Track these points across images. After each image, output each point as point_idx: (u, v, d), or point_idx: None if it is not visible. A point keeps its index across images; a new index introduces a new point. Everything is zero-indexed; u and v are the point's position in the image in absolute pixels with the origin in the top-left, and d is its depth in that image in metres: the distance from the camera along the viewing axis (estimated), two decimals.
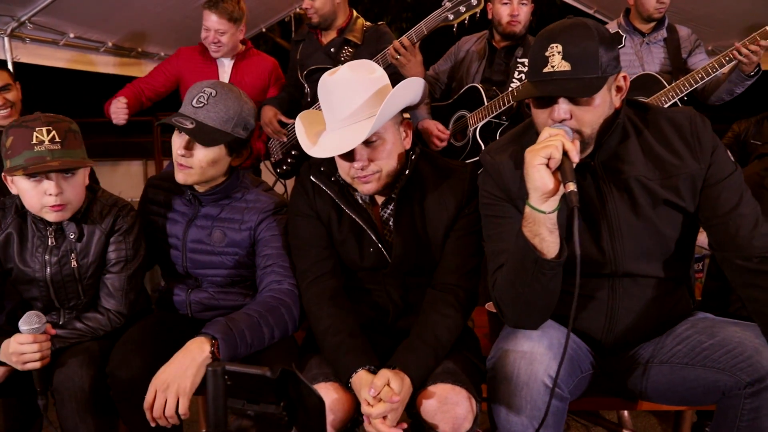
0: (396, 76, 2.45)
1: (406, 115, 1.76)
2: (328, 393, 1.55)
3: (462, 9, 2.49)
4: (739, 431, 1.45)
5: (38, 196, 1.73)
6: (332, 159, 1.75)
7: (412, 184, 1.75)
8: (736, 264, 1.52)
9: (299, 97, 3.07)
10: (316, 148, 1.70)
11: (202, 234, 1.94)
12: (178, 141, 1.82)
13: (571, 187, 1.35)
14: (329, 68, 2.43)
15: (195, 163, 1.82)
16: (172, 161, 2.10)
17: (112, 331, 1.86)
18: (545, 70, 1.44)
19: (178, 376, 1.54)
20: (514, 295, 1.52)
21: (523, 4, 2.83)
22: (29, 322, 1.61)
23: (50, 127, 1.71)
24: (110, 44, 4.44)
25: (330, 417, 1.51)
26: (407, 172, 1.73)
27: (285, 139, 3.02)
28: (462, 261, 1.74)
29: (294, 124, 2.85)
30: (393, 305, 1.81)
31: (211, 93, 1.82)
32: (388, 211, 1.78)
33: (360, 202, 1.79)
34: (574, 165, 1.38)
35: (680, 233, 1.59)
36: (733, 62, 2.64)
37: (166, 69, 3.18)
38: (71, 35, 3.97)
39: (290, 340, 1.86)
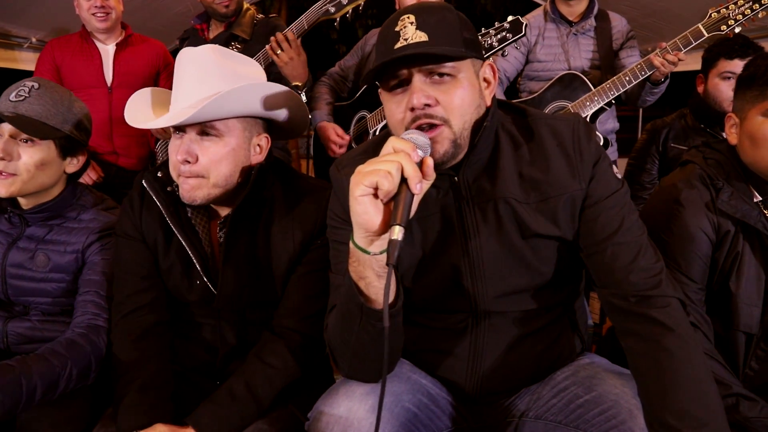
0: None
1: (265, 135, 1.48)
2: None
3: (344, 1, 2.19)
4: None
5: None
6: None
7: (257, 205, 1.45)
8: (613, 303, 1.23)
9: None
10: (137, 119, 1.45)
11: (24, 257, 1.63)
12: None
13: (396, 233, 0.99)
14: None
15: (20, 168, 1.54)
16: None
17: None
18: (397, 45, 1.14)
19: None
20: (343, 344, 1.21)
21: None
22: None
23: None
24: (34, 40, 4.09)
25: None
26: (245, 189, 1.42)
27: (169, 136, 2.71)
28: (304, 301, 1.44)
29: None
30: (223, 344, 1.50)
31: (33, 86, 1.57)
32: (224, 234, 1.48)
33: (191, 222, 1.48)
34: (418, 198, 1.04)
35: (558, 267, 1.29)
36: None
37: (47, 68, 2.85)
38: None
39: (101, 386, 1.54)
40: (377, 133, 2.48)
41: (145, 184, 1.47)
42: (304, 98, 2.39)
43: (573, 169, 1.23)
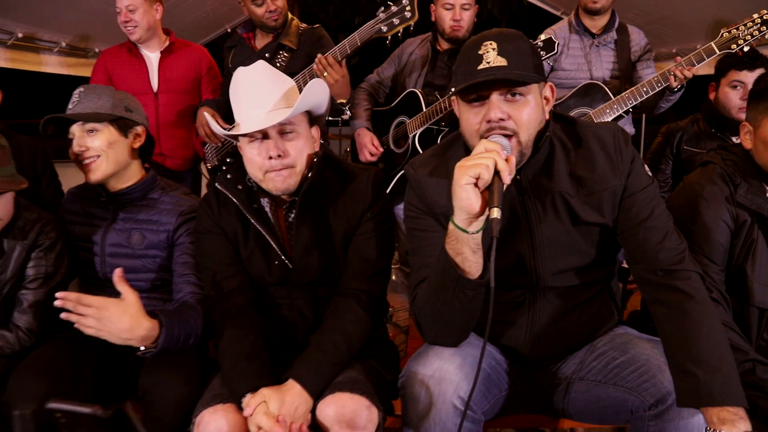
0: None
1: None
2: (225, 415, 1.50)
3: (396, 21, 2.43)
4: None
5: None
6: (240, 167, 1.73)
7: (315, 189, 1.72)
8: (644, 277, 1.50)
9: None
10: (234, 130, 1.67)
11: (121, 237, 1.91)
12: (73, 144, 1.85)
13: (495, 213, 1.25)
14: None
15: (98, 150, 1.83)
16: None
17: (21, 351, 1.76)
18: (480, 67, 1.39)
19: (115, 333, 1.47)
20: (433, 312, 1.47)
21: (465, 9, 2.77)
22: None
23: None
24: (64, 44, 4.33)
25: None
26: (310, 174, 1.69)
27: (219, 143, 2.94)
28: (365, 264, 1.71)
29: (230, 127, 2.80)
30: (302, 320, 1.76)
31: (80, 91, 1.88)
32: (292, 216, 1.74)
33: (266, 209, 1.75)
34: (505, 186, 1.30)
35: (601, 249, 1.56)
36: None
37: (101, 78, 3.09)
38: (20, 35, 3.86)
39: (205, 356, 1.80)
40: (416, 137, 2.75)
41: (219, 187, 1.72)
42: (348, 114, 2.66)
43: (614, 168, 1.50)
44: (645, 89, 2.61)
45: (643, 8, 4.35)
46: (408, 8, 2.38)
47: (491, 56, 1.38)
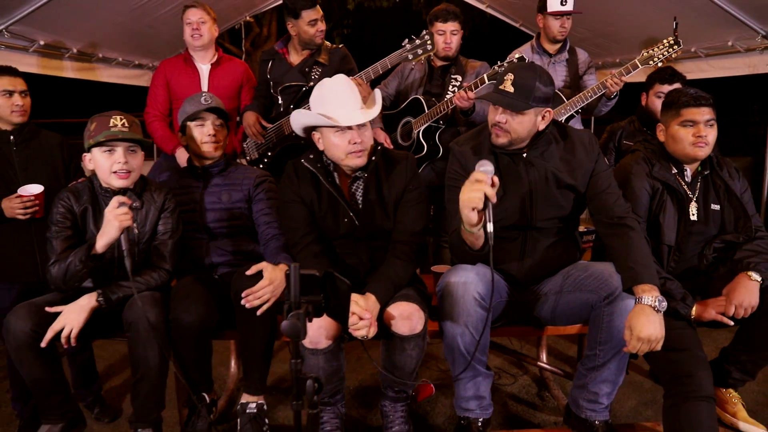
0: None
1: None
2: (322, 321, 2.23)
3: (419, 51, 3.34)
4: (601, 331, 2.30)
5: (109, 164, 2.43)
6: (317, 152, 2.52)
7: (375, 168, 2.52)
8: (603, 222, 2.41)
9: (271, 107, 3.78)
10: (342, 121, 2.36)
11: (214, 197, 2.78)
12: (204, 129, 2.75)
13: (489, 228, 2.01)
14: (303, 85, 3.25)
15: (221, 139, 2.79)
16: (164, 157, 3.40)
17: (161, 285, 2.53)
18: (500, 87, 2.30)
19: (279, 291, 2.41)
20: (458, 251, 2.34)
21: (454, 34, 3.66)
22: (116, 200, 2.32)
23: (122, 116, 2.44)
24: (75, 50, 4.85)
25: (323, 334, 2.27)
26: (373, 158, 2.50)
27: (263, 140, 3.70)
28: (410, 225, 2.50)
29: (271, 128, 3.61)
30: (362, 264, 2.56)
31: (210, 95, 2.80)
32: (354, 187, 2.54)
33: (336, 182, 2.53)
34: (493, 203, 2.01)
35: (572, 206, 2.46)
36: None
37: (160, 83, 3.75)
38: (41, 42, 4.36)
39: None
40: (420, 133, 3.65)
41: (305, 163, 2.51)
42: None
43: (587, 155, 2.41)
44: (589, 94, 3.55)
45: (593, 26, 5.32)
46: (429, 42, 3.27)
47: (507, 84, 2.28)
